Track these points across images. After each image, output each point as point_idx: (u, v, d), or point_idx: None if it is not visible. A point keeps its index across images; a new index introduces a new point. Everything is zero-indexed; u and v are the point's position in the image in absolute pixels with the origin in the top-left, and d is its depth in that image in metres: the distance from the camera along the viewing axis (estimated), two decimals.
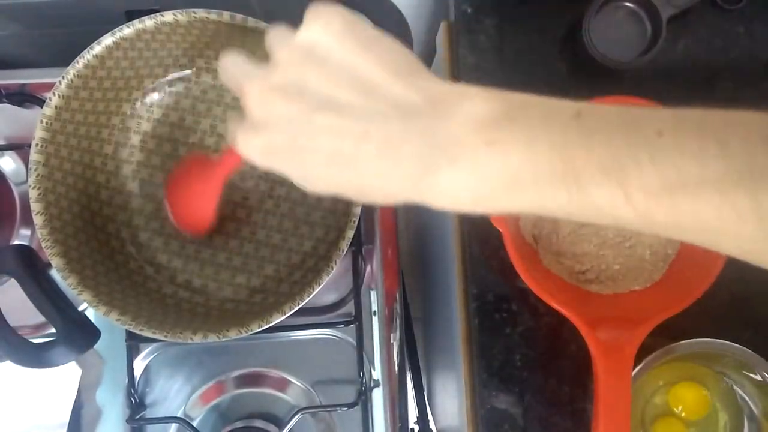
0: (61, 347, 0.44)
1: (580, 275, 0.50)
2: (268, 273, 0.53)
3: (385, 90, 0.29)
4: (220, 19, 0.47)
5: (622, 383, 0.44)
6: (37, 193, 0.47)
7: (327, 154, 0.29)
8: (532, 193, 0.27)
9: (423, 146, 0.28)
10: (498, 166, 0.27)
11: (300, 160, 0.30)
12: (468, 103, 0.28)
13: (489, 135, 0.27)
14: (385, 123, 0.28)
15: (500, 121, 0.27)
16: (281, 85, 0.30)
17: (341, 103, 0.29)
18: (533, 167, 0.27)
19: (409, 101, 0.29)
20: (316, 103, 0.29)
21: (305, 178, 0.31)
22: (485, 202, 0.28)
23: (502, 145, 0.27)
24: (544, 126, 0.27)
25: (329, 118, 0.29)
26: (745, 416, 0.50)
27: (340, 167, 0.29)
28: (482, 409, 0.52)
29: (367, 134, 0.28)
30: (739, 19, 0.54)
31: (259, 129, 0.31)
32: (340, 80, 0.29)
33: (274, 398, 0.56)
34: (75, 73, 0.47)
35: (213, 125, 0.54)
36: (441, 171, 0.28)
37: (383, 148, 0.28)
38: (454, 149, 0.27)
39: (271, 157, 0.31)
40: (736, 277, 0.49)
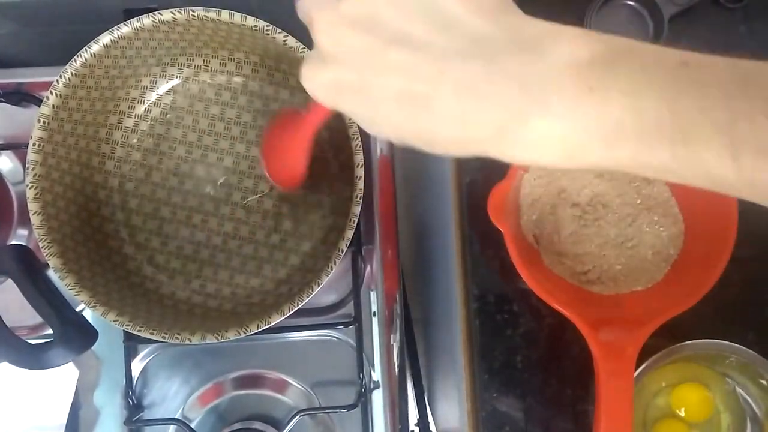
0: (58, 348, 0.44)
1: (582, 276, 0.49)
2: (267, 274, 0.53)
3: (467, 25, 0.26)
4: (219, 17, 0.47)
5: (624, 385, 0.44)
6: (34, 192, 0.47)
7: (398, 93, 0.27)
8: (633, 147, 0.25)
9: (510, 89, 0.25)
10: (599, 115, 0.24)
11: (368, 99, 0.28)
12: (565, 43, 0.25)
13: (590, 80, 0.24)
14: (465, 62, 0.26)
15: (602, 65, 0.25)
16: (352, 15, 0.27)
17: (416, 38, 0.26)
18: (639, 118, 0.24)
19: (494, 38, 0.26)
20: (388, 37, 0.27)
21: (372, 120, 0.29)
22: (579, 155, 0.25)
23: (606, 92, 0.24)
24: (651, 74, 0.24)
25: (402, 54, 0.26)
26: (748, 418, 0.50)
27: (411, 109, 0.27)
28: (483, 410, 0.52)
29: (443, 74, 0.26)
30: (741, 18, 0.54)
31: (326, 62, 0.29)
32: (416, 13, 0.27)
33: (273, 400, 0.55)
34: (72, 71, 0.47)
35: (211, 124, 0.54)
36: (532, 118, 0.25)
37: (462, 89, 0.26)
38: (549, 94, 0.25)
39: (337, 94, 0.29)
40: (739, 278, 0.49)
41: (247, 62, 0.54)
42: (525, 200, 0.50)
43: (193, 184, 0.54)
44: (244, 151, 0.54)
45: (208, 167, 0.54)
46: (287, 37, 0.47)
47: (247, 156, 0.54)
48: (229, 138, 0.54)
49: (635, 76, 0.24)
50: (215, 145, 0.54)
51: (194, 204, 0.54)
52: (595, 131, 0.25)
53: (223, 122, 0.54)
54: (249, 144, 0.54)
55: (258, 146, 0.54)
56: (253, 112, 0.54)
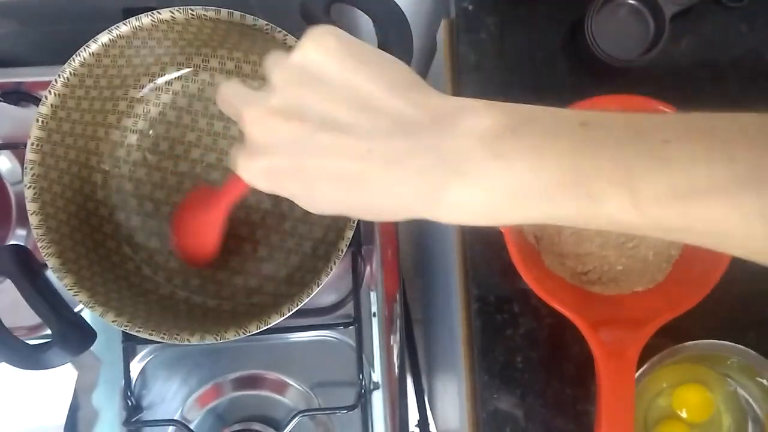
0: (56, 349, 0.44)
1: (583, 276, 0.49)
2: (266, 274, 0.53)
3: (385, 106, 0.29)
4: (218, 16, 0.46)
5: (625, 385, 0.44)
6: (32, 192, 0.46)
7: (331, 173, 0.29)
8: (542, 205, 0.27)
9: (428, 162, 0.27)
10: (507, 179, 0.27)
11: (304, 181, 0.30)
12: (471, 116, 0.28)
13: (495, 148, 0.27)
14: (387, 140, 0.28)
15: (506, 133, 0.27)
16: (280, 107, 0.30)
17: (342, 121, 0.29)
18: (542, 178, 0.26)
19: (410, 116, 0.28)
20: (316, 123, 0.29)
21: (311, 200, 0.31)
22: (495, 215, 0.28)
23: (510, 158, 0.27)
24: (551, 136, 0.27)
25: (331, 137, 0.28)
26: (749, 419, 0.50)
27: (345, 187, 0.29)
28: (483, 411, 0.52)
29: (370, 152, 0.28)
30: (742, 17, 0.54)
31: (260, 153, 0.30)
32: (338, 98, 0.29)
33: (273, 401, 0.55)
34: (71, 71, 0.47)
35: (210, 123, 0.54)
36: (449, 186, 0.27)
37: (388, 166, 0.28)
38: (461, 164, 0.27)
39: (274, 180, 0.31)
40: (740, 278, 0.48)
41: (246, 61, 0.53)
42: None
43: (192, 183, 0.54)
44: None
45: (207, 167, 0.54)
46: (287, 36, 0.47)
47: None
48: (228, 137, 0.54)
49: (536, 140, 0.27)
50: (214, 144, 0.54)
51: None
52: (507, 194, 0.27)
53: (222, 122, 0.54)
54: None
55: None
56: None
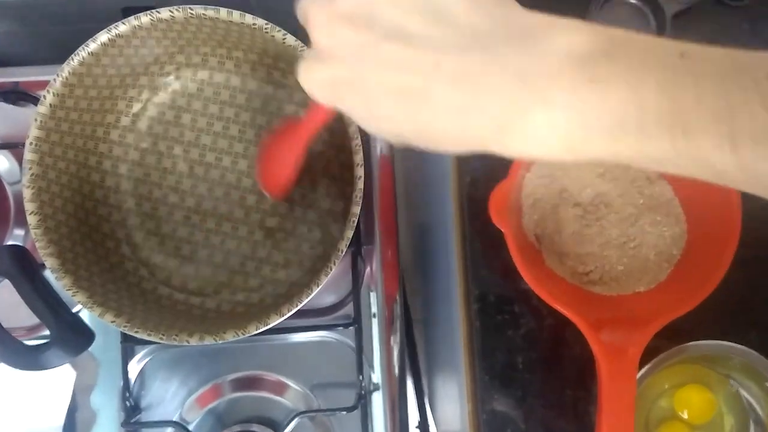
0: (55, 349, 0.44)
1: (584, 276, 0.49)
2: (266, 274, 0.53)
3: (463, 18, 0.26)
4: (217, 15, 0.46)
5: (626, 386, 0.44)
6: (31, 192, 0.46)
7: (395, 88, 0.27)
8: (634, 139, 0.24)
9: (509, 82, 0.25)
10: (600, 107, 0.24)
11: (364, 95, 0.28)
12: (564, 35, 0.25)
13: (590, 71, 0.24)
14: (461, 54, 0.25)
15: (601, 56, 0.24)
16: (348, 12, 0.28)
17: (413, 32, 0.26)
18: (638, 109, 0.24)
19: (491, 31, 0.26)
20: (384, 31, 0.27)
21: (370, 117, 0.29)
22: (580, 147, 0.25)
23: (605, 84, 0.24)
24: (650, 65, 0.24)
25: (398, 48, 0.26)
26: (751, 420, 0.50)
27: (407, 104, 0.27)
28: (484, 412, 0.51)
29: (438, 65, 0.26)
30: (744, 16, 0.54)
31: (322, 59, 0.28)
32: (411, 7, 0.27)
33: (272, 402, 0.55)
34: (70, 70, 0.47)
35: (209, 123, 0.54)
36: (531, 111, 0.25)
37: (458, 83, 0.25)
38: (548, 86, 0.24)
39: (334, 91, 0.29)
40: (742, 279, 0.48)
41: (245, 61, 0.53)
42: (526, 200, 0.49)
43: (191, 183, 0.53)
44: (243, 151, 0.54)
45: (206, 167, 0.53)
46: (286, 36, 0.46)
47: (245, 155, 0.54)
48: (228, 137, 0.54)
49: (634, 67, 0.24)
50: (213, 144, 0.54)
51: (192, 204, 0.53)
52: (596, 123, 0.24)
53: (222, 121, 0.54)
54: (247, 143, 0.54)
55: (256, 145, 0.54)
56: (252, 111, 0.54)
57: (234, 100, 0.54)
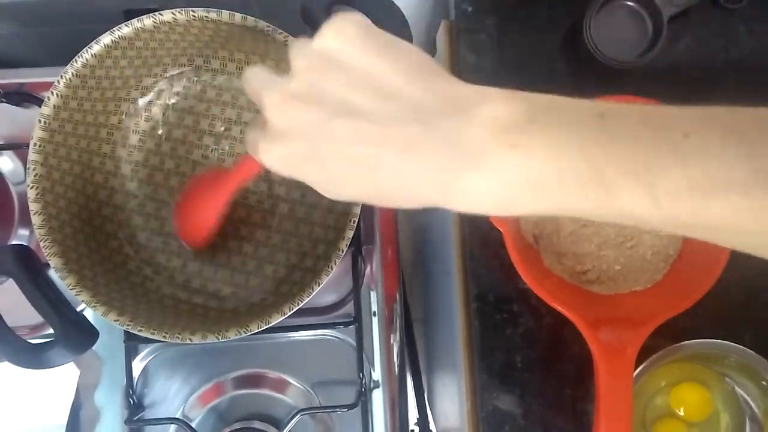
0: (59, 348, 0.44)
1: (582, 276, 0.50)
2: (267, 273, 0.53)
3: (403, 93, 0.29)
4: (220, 18, 0.47)
5: (624, 384, 0.44)
6: (35, 192, 0.47)
7: (348, 159, 0.29)
8: (557, 197, 0.27)
9: (444, 150, 0.27)
10: (522, 170, 0.27)
11: (321, 166, 0.30)
12: (489, 105, 0.27)
13: (512, 138, 0.27)
14: (404, 127, 0.28)
15: (523, 123, 0.27)
16: (299, 92, 0.30)
17: (359, 107, 0.29)
18: (559, 170, 0.26)
19: (427, 104, 0.28)
20: (334, 108, 0.29)
21: (327, 185, 0.31)
22: (509, 205, 0.28)
23: (526, 148, 0.26)
24: (568, 128, 0.27)
25: (348, 123, 0.29)
26: (747, 417, 0.50)
27: (361, 173, 0.29)
28: (483, 410, 0.52)
29: (386, 138, 0.28)
30: (741, 19, 0.54)
31: (279, 138, 0.31)
32: (357, 85, 0.29)
33: (274, 399, 0.56)
34: (73, 72, 0.47)
35: (212, 124, 0.54)
36: (464, 175, 0.27)
37: (404, 152, 0.28)
38: (476, 153, 0.27)
39: (292, 165, 0.31)
40: (737, 278, 0.49)
41: (247, 63, 0.54)
42: None
43: None
44: (244, 152, 0.54)
45: (209, 168, 0.54)
46: (287, 38, 0.47)
47: None
48: (230, 138, 0.54)
49: (554, 131, 0.27)
50: (216, 145, 0.54)
51: None
52: (522, 185, 0.27)
53: (224, 123, 0.54)
54: None
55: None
56: (254, 113, 0.54)
57: (236, 101, 0.54)
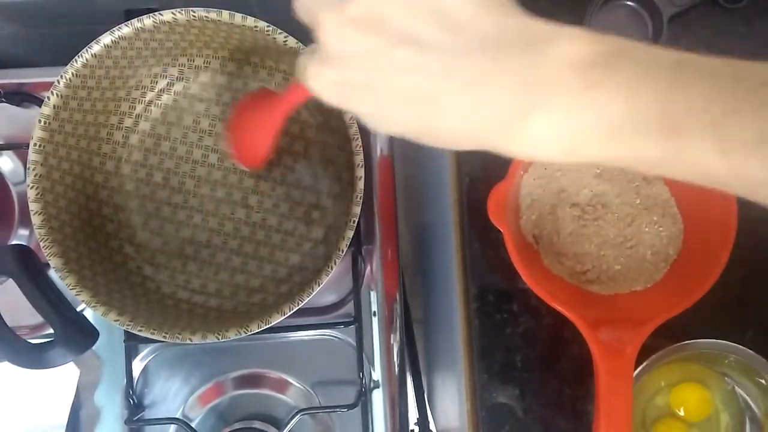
0: (59, 348, 0.44)
1: (581, 275, 0.50)
2: (267, 273, 0.53)
3: (472, 26, 0.27)
4: (220, 18, 0.47)
5: (623, 384, 0.44)
6: (35, 192, 0.47)
7: (405, 91, 0.28)
8: (628, 142, 0.26)
9: (513, 86, 0.26)
10: (596, 112, 0.26)
11: (375, 97, 0.29)
12: (565, 43, 0.26)
13: (588, 78, 0.26)
14: (469, 60, 0.27)
15: (600, 64, 0.26)
16: (359, 16, 0.28)
17: (423, 37, 0.27)
18: (632, 116, 0.25)
19: (498, 37, 0.27)
20: (395, 37, 0.27)
21: (380, 118, 0.30)
22: (577, 150, 0.27)
23: (602, 90, 0.25)
24: (645, 73, 0.26)
25: (409, 53, 0.27)
26: (747, 418, 0.50)
27: (418, 107, 0.28)
28: (483, 410, 0.52)
29: (449, 72, 0.27)
30: (741, 19, 0.54)
31: (332, 62, 0.29)
32: (422, 13, 0.27)
33: (274, 399, 0.56)
34: (73, 72, 0.47)
35: (212, 124, 0.54)
36: (532, 113, 0.26)
37: (467, 86, 0.27)
38: (549, 91, 0.26)
39: (343, 93, 0.30)
40: (738, 278, 0.49)
41: (248, 63, 0.54)
42: (524, 200, 0.50)
43: (194, 184, 0.54)
44: None
45: (208, 168, 0.54)
46: (287, 38, 0.47)
47: None
48: None
49: (631, 75, 0.26)
50: (216, 145, 0.54)
51: (195, 204, 0.54)
52: (591, 127, 0.26)
53: (224, 123, 0.54)
54: None
55: None
56: None
57: (236, 101, 0.54)
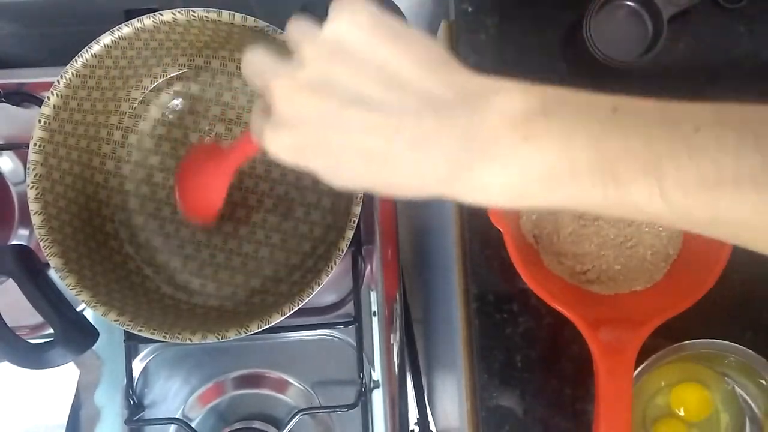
0: (59, 348, 0.44)
1: (581, 276, 0.50)
2: (268, 273, 0.53)
3: (416, 84, 0.28)
4: (219, 18, 0.47)
5: (623, 384, 0.44)
6: (35, 192, 0.47)
7: (358, 149, 0.29)
8: (568, 189, 0.27)
9: (457, 141, 0.27)
10: (534, 162, 0.26)
11: (330, 157, 0.30)
12: (503, 97, 0.27)
13: (525, 130, 0.27)
14: (417, 118, 0.28)
15: (536, 115, 0.27)
16: (309, 81, 0.29)
17: (372, 98, 0.28)
18: (570, 162, 0.26)
19: (441, 95, 0.28)
20: (346, 99, 0.28)
21: (335, 175, 0.31)
22: (520, 197, 0.28)
23: (539, 140, 0.26)
24: (581, 121, 0.27)
25: (360, 114, 0.28)
26: (747, 417, 0.50)
27: (371, 163, 0.29)
28: (483, 410, 0.52)
29: (398, 129, 0.28)
30: (741, 19, 0.54)
31: (287, 126, 0.30)
32: (369, 75, 0.29)
33: (274, 399, 0.56)
34: (73, 72, 0.47)
35: (212, 125, 0.54)
36: (475, 166, 0.27)
37: (415, 143, 0.28)
38: (489, 144, 0.27)
39: (300, 154, 0.30)
40: (737, 278, 0.49)
41: None
42: None
43: None
44: None
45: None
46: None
47: None
48: (230, 138, 0.54)
49: (567, 124, 0.27)
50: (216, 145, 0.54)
51: None
52: (533, 176, 0.27)
53: (224, 123, 0.54)
54: None
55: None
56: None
57: (236, 101, 0.54)
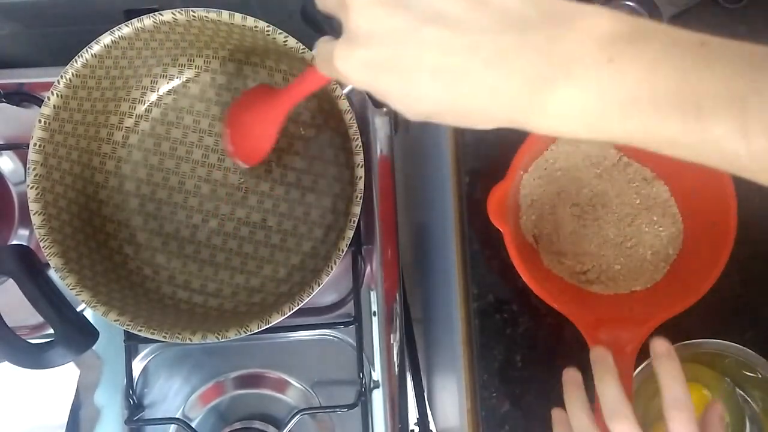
0: (59, 348, 0.44)
1: (581, 275, 0.50)
2: (268, 273, 0.53)
3: (498, 2, 0.28)
4: (219, 18, 0.47)
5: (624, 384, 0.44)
6: (35, 192, 0.47)
7: (433, 68, 0.28)
8: (646, 118, 0.26)
9: (538, 60, 0.27)
10: (615, 85, 0.26)
11: (404, 75, 0.29)
12: (590, 18, 0.27)
13: (611, 51, 0.26)
14: (497, 36, 0.27)
15: (622, 40, 0.26)
16: None
17: (450, 15, 0.27)
18: (653, 89, 0.26)
19: (524, 14, 0.27)
20: (423, 15, 0.28)
21: (407, 96, 0.30)
22: (597, 124, 0.27)
23: (624, 64, 0.26)
24: (668, 50, 0.26)
25: (437, 31, 0.27)
26: (747, 417, 0.50)
27: (446, 83, 0.28)
28: (483, 409, 0.52)
29: (476, 47, 0.27)
30: (741, 19, 0.54)
31: (360, 42, 0.29)
32: None
33: (274, 399, 0.56)
34: (73, 72, 0.47)
35: (211, 124, 0.54)
36: (556, 87, 0.26)
37: (495, 61, 0.27)
38: (571, 62, 0.26)
39: (372, 73, 0.30)
40: (737, 278, 0.49)
41: (247, 63, 0.54)
42: (524, 200, 0.50)
43: (194, 184, 0.54)
44: None
45: (208, 167, 0.54)
46: (287, 38, 0.47)
47: None
48: None
49: (654, 51, 0.26)
50: (216, 145, 0.54)
51: (195, 204, 0.54)
52: (614, 101, 0.26)
53: (222, 119, 0.54)
54: None
55: None
56: None
57: (236, 97, 0.54)
